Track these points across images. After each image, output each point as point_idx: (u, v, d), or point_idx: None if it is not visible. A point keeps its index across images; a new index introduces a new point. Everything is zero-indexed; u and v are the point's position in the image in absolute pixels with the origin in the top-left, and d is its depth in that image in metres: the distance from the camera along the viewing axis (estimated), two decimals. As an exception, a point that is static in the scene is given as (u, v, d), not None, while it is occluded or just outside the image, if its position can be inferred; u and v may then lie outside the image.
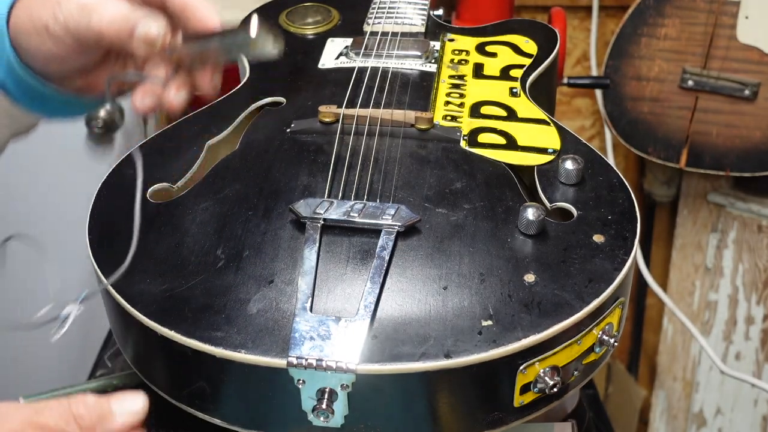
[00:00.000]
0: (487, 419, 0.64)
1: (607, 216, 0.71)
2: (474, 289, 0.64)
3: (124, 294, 0.66)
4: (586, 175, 0.76)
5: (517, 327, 0.61)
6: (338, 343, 0.60)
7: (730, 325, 1.63)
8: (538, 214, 0.68)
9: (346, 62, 0.93)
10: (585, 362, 0.67)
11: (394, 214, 0.69)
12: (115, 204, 0.75)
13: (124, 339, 0.70)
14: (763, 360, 1.61)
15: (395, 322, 0.62)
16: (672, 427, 1.75)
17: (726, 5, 1.32)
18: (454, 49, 0.97)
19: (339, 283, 0.65)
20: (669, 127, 1.41)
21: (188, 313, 0.63)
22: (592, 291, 0.64)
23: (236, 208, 0.72)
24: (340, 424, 0.62)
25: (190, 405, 0.66)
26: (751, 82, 1.34)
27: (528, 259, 0.67)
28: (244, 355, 0.60)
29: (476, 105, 0.86)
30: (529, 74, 0.92)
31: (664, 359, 1.74)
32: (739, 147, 1.39)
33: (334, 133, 0.81)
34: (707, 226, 1.62)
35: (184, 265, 0.67)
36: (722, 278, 1.62)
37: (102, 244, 0.71)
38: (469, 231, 0.69)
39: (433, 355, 0.60)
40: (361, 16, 1.01)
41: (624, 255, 0.68)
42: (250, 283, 0.65)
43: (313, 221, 0.69)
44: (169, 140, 0.83)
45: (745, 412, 1.64)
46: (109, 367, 0.99)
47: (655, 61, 1.38)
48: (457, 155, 0.79)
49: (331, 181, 0.74)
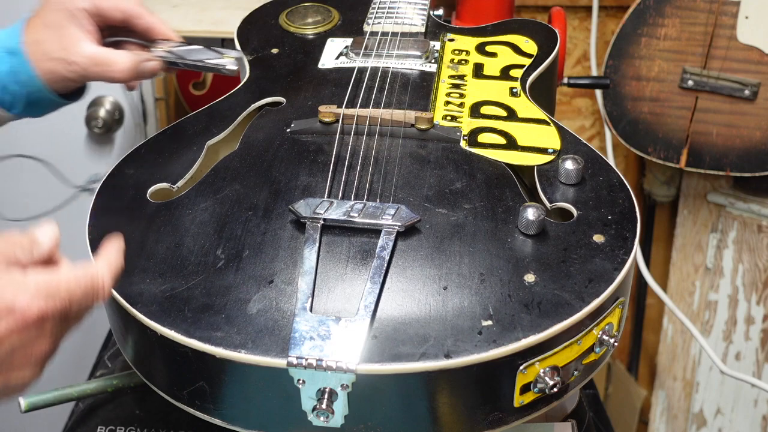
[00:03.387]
0: (487, 419, 0.64)
1: (607, 216, 0.71)
2: (474, 289, 0.64)
3: (124, 294, 0.66)
4: (586, 175, 0.76)
5: (517, 327, 0.61)
6: (338, 343, 0.60)
7: (730, 325, 1.62)
8: (538, 214, 0.68)
9: (346, 62, 0.93)
10: (585, 362, 0.67)
11: (394, 214, 0.69)
12: (115, 204, 0.75)
13: (124, 339, 0.70)
14: (763, 360, 1.61)
15: (395, 322, 0.62)
16: (672, 427, 1.75)
17: (726, 5, 1.32)
18: (454, 49, 0.97)
19: (339, 283, 0.65)
20: (669, 127, 1.41)
21: (188, 313, 0.63)
22: (592, 291, 0.64)
23: (236, 208, 0.72)
24: (340, 424, 0.62)
25: (190, 405, 0.66)
26: (751, 82, 1.34)
27: (528, 259, 0.67)
28: (244, 355, 0.60)
29: (476, 105, 0.86)
30: (529, 74, 0.92)
31: (664, 359, 1.74)
32: (739, 147, 1.39)
33: (334, 133, 0.81)
34: (707, 226, 1.62)
35: (184, 265, 0.67)
36: (722, 278, 1.61)
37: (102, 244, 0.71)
38: (469, 231, 0.69)
39: (433, 355, 0.60)
40: (361, 16, 1.01)
41: (624, 255, 0.68)
42: (250, 283, 0.65)
43: (313, 221, 0.69)
44: (169, 140, 0.83)
45: (745, 412, 1.64)
46: (109, 367, 0.99)
47: (655, 61, 1.38)
48: (457, 155, 0.79)
49: (331, 181, 0.74)
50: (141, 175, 0.79)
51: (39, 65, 0.78)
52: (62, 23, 0.78)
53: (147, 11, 0.83)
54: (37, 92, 0.80)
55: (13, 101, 0.80)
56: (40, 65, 0.78)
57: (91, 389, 0.87)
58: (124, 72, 0.79)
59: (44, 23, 0.78)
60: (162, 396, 0.68)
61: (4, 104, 0.80)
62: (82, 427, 0.88)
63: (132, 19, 0.82)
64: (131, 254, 0.69)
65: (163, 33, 0.84)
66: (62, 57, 0.77)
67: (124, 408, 0.88)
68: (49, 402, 0.84)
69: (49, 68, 0.78)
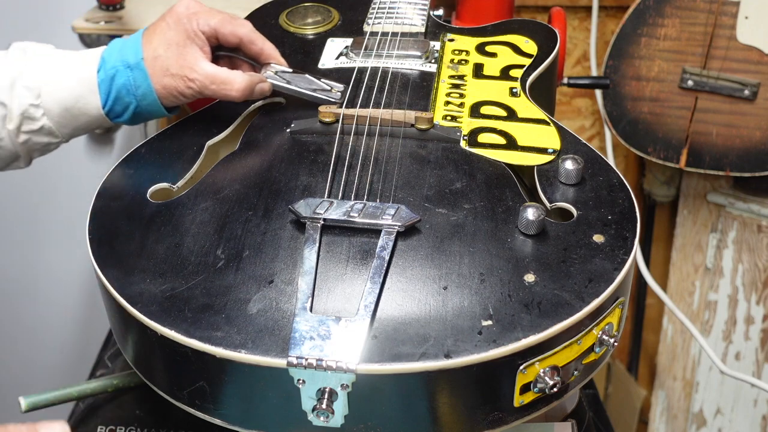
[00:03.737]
0: (488, 419, 0.64)
1: (607, 216, 0.71)
2: (474, 289, 0.64)
3: (124, 294, 0.66)
4: (586, 175, 0.76)
5: (517, 327, 0.61)
6: (338, 342, 0.60)
7: (729, 325, 1.63)
8: (538, 214, 0.68)
9: (346, 62, 0.93)
10: (585, 362, 0.67)
11: (394, 214, 0.69)
12: (115, 204, 0.75)
13: (124, 339, 0.70)
14: (763, 360, 1.61)
15: (395, 322, 0.62)
16: (672, 427, 1.75)
17: (726, 5, 1.32)
18: (454, 49, 0.97)
19: (339, 283, 0.65)
20: (669, 127, 1.41)
21: (188, 313, 0.63)
22: (592, 291, 0.64)
23: (236, 208, 0.72)
24: (340, 424, 0.62)
25: (190, 405, 0.66)
26: (751, 82, 1.34)
27: (528, 259, 0.67)
28: (244, 355, 0.60)
29: (476, 105, 0.86)
30: (529, 74, 0.92)
31: (664, 359, 1.74)
32: (739, 147, 1.39)
33: (334, 133, 0.81)
34: (707, 226, 1.62)
35: (184, 265, 0.67)
36: (722, 278, 1.61)
37: (102, 244, 0.71)
38: (469, 231, 0.69)
39: (433, 355, 0.60)
40: (361, 16, 1.01)
41: (624, 255, 0.68)
42: (250, 283, 0.65)
43: (313, 221, 0.69)
44: (169, 140, 0.83)
45: (745, 412, 1.64)
46: (109, 367, 0.99)
47: (655, 61, 1.38)
48: (457, 155, 0.79)
49: (331, 181, 0.74)
50: (141, 175, 0.79)
51: (156, 80, 0.81)
52: (182, 42, 0.81)
53: (260, 37, 0.87)
54: (149, 105, 0.82)
55: (122, 112, 0.82)
56: (157, 80, 0.81)
57: (91, 389, 0.87)
58: (240, 91, 0.82)
59: (164, 40, 0.81)
60: (162, 396, 0.68)
61: (112, 114, 0.82)
62: (82, 427, 0.88)
63: (246, 45, 0.86)
64: (131, 254, 0.69)
65: (274, 58, 0.87)
66: (183, 74, 0.81)
67: (124, 408, 0.88)
68: (49, 402, 0.84)
69: (166, 83, 0.81)
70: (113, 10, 1.34)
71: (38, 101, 0.80)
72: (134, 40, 0.82)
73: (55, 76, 0.80)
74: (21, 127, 0.80)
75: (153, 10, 1.36)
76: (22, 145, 0.82)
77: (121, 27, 1.32)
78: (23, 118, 0.80)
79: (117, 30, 1.32)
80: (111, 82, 0.81)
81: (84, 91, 0.80)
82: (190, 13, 0.82)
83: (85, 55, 0.82)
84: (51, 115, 0.81)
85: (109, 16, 1.33)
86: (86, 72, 0.81)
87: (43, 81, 0.80)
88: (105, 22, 1.31)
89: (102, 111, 0.81)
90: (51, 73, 0.80)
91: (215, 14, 0.83)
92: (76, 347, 1.79)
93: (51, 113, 0.80)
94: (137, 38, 0.82)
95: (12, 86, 0.79)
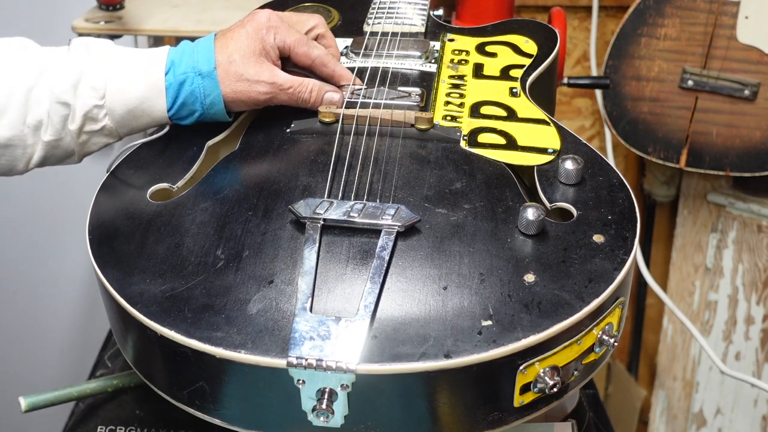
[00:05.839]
0: (487, 419, 0.64)
1: (607, 216, 0.71)
2: (474, 289, 0.64)
3: (124, 294, 0.66)
4: (586, 175, 0.76)
5: (516, 327, 0.61)
6: (338, 343, 0.60)
7: (730, 325, 1.63)
8: (538, 214, 0.68)
9: (346, 62, 0.93)
10: (585, 362, 0.67)
11: (394, 214, 0.69)
12: (115, 204, 0.75)
13: (124, 339, 0.70)
14: (763, 360, 1.61)
15: (395, 322, 0.62)
16: (672, 427, 1.75)
17: (726, 5, 1.32)
18: (454, 49, 0.97)
19: (339, 283, 0.65)
20: (669, 127, 1.41)
21: (188, 313, 0.63)
22: (592, 291, 0.64)
23: (236, 208, 0.72)
24: (340, 424, 0.62)
25: (190, 405, 0.66)
26: (751, 82, 1.34)
27: (528, 259, 0.67)
28: (244, 356, 0.60)
29: (476, 105, 0.86)
30: (529, 74, 0.92)
31: (664, 359, 1.74)
32: (739, 147, 1.39)
33: (334, 133, 0.81)
34: (707, 226, 1.62)
35: (184, 265, 0.67)
36: (722, 278, 1.62)
37: (102, 244, 0.71)
38: (469, 231, 0.69)
39: (432, 355, 0.60)
40: (361, 16, 1.01)
41: (624, 255, 0.68)
42: (250, 283, 0.65)
43: (313, 221, 0.69)
44: (169, 140, 0.83)
45: (745, 412, 1.64)
46: (109, 367, 0.99)
47: (655, 61, 1.38)
48: (457, 155, 0.79)
49: (330, 181, 0.74)
50: (141, 175, 0.79)
51: (227, 84, 0.81)
52: (258, 51, 0.81)
53: (333, 60, 0.87)
54: (215, 114, 0.82)
55: (185, 116, 0.82)
56: (228, 84, 0.81)
57: (91, 389, 0.87)
58: (315, 93, 0.84)
59: (241, 47, 0.81)
60: (162, 396, 0.68)
61: (175, 117, 0.82)
62: (82, 427, 0.88)
63: (318, 67, 0.86)
64: (131, 254, 0.69)
65: (346, 80, 0.87)
66: (257, 79, 0.81)
67: (124, 408, 0.88)
68: (49, 402, 0.84)
69: (236, 89, 0.81)
70: (113, 10, 1.35)
71: (102, 101, 0.78)
72: (207, 47, 0.81)
73: (121, 76, 0.79)
74: (83, 127, 0.79)
75: (153, 10, 1.37)
76: (81, 144, 0.81)
77: (121, 27, 1.32)
78: (86, 119, 0.78)
79: (117, 30, 1.32)
80: (179, 88, 0.80)
81: (150, 93, 0.79)
82: (270, 26, 0.82)
83: (151, 55, 0.80)
84: (114, 116, 0.79)
85: (109, 16, 1.33)
86: (154, 74, 0.79)
87: (109, 81, 0.78)
88: (105, 22, 1.32)
89: (166, 114, 0.81)
90: (117, 74, 0.79)
91: (293, 33, 0.84)
92: (76, 347, 1.79)
93: (114, 114, 0.79)
94: (209, 44, 0.81)
95: (76, 86, 0.77)
